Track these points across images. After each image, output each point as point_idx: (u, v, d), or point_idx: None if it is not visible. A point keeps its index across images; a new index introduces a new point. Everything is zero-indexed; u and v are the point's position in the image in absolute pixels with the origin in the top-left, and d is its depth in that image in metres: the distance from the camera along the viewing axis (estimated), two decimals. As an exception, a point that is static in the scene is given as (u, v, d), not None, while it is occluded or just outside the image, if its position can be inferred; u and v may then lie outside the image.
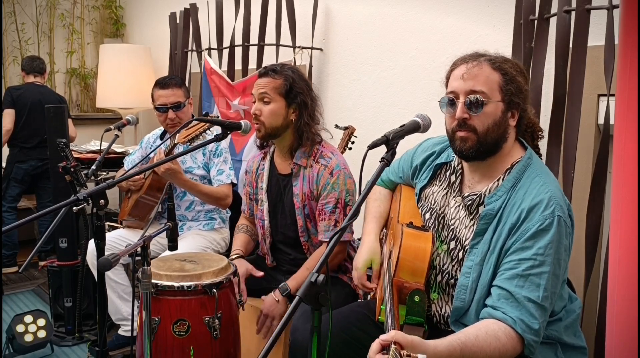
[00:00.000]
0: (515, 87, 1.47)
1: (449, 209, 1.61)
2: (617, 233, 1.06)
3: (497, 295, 1.41)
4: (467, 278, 1.50)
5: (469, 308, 1.51)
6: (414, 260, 1.55)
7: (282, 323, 1.10)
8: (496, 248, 1.46)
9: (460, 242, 1.56)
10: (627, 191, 1.02)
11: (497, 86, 1.47)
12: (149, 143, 3.06)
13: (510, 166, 1.52)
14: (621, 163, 1.04)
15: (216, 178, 2.80)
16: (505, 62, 1.50)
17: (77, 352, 3.03)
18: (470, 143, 1.49)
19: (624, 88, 1.03)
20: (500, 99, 1.47)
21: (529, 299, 1.37)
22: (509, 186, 1.49)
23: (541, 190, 1.44)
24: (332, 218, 2.17)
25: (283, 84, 2.18)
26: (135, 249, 1.65)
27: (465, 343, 1.29)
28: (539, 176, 1.48)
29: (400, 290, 1.53)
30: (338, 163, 2.21)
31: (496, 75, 1.47)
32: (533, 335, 1.36)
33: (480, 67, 1.47)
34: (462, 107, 1.47)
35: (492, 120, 1.47)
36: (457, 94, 1.49)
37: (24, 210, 4.68)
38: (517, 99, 1.48)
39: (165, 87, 2.83)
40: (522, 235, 1.41)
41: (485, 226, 1.49)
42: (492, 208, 1.48)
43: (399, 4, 3.00)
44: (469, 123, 1.48)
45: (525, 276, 1.38)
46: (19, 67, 4.77)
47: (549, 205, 1.40)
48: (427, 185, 1.71)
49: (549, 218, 1.39)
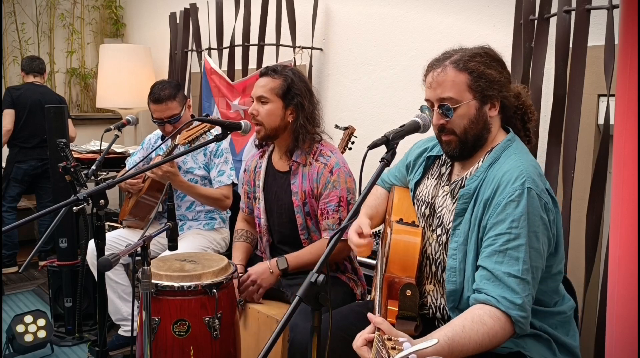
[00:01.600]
0: (485, 81, 1.49)
1: (437, 199, 1.64)
2: (617, 233, 1.06)
3: (480, 277, 1.43)
4: (455, 260, 1.52)
5: (462, 290, 1.51)
6: (404, 255, 1.57)
7: (281, 323, 1.10)
8: (475, 226, 1.48)
9: (445, 227, 1.59)
10: (627, 191, 1.02)
11: (465, 86, 1.49)
12: (150, 143, 3.06)
13: (490, 149, 1.55)
14: (621, 163, 1.04)
15: (217, 178, 2.80)
16: (472, 59, 1.49)
17: (77, 352, 3.03)
18: (454, 145, 1.54)
19: (624, 88, 1.03)
20: (471, 97, 1.49)
21: (509, 274, 1.38)
22: (486, 166, 1.52)
23: (513, 165, 1.46)
24: (336, 217, 2.18)
25: (281, 85, 2.19)
26: (135, 249, 1.65)
27: (452, 338, 1.30)
28: (515, 154, 1.51)
29: (391, 285, 1.55)
30: (337, 161, 2.21)
31: (462, 76, 1.48)
32: (518, 311, 1.36)
33: (444, 73, 1.49)
34: (437, 115, 1.52)
35: (468, 119, 1.50)
36: (431, 102, 1.54)
37: (24, 210, 4.68)
38: (491, 91, 1.50)
39: (159, 102, 2.74)
40: (495, 209, 1.43)
41: (464, 206, 1.52)
42: (470, 187, 1.52)
43: (399, 4, 3.01)
44: (447, 127, 1.53)
45: (503, 251, 1.40)
46: (19, 67, 4.77)
47: (519, 177, 1.42)
48: (421, 179, 1.74)
49: (519, 189, 1.41)
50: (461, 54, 1.52)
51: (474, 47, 1.55)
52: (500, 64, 1.54)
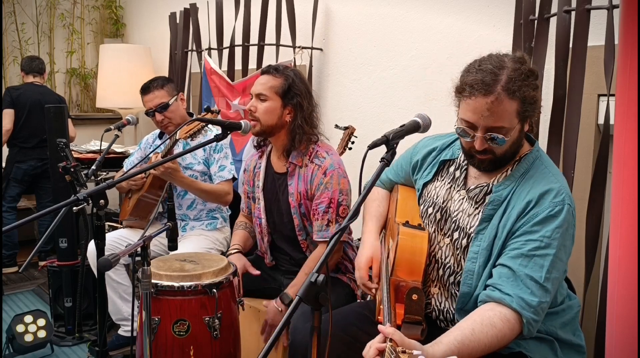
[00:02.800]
0: (532, 105, 1.44)
1: (452, 203, 1.62)
2: (617, 233, 1.06)
3: (499, 274, 1.42)
4: (474, 263, 1.51)
5: (473, 293, 1.51)
6: (410, 259, 1.56)
7: (281, 323, 1.10)
8: (504, 233, 1.47)
9: (464, 231, 1.57)
10: (627, 191, 1.02)
11: (516, 113, 1.43)
12: (148, 142, 3.07)
13: (519, 158, 1.54)
14: (621, 163, 1.04)
15: (217, 174, 2.80)
16: (522, 81, 1.40)
17: (77, 352, 3.03)
18: (487, 163, 1.52)
19: (624, 88, 1.03)
20: (517, 122, 1.45)
21: (531, 277, 1.38)
22: (518, 175, 1.51)
23: (551, 180, 1.47)
24: (325, 218, 2.18)
25: (282, 84, 2.20)
26: (135, 249, 1.65)
27: (462, 342, 1.29)
28: (547, 169, 1.51)
29: (397, 289, 1.54)
30: (332, 162, 2.21)
31: (515, 104, 1.41)
32: (532, 313, 1.36)
33: (499, 103, 1.39)
34: (481, 141, 1.46)
35: (511, 142, 1.48)
36: (475, 127, 1.45)
37: (24, 210, 4.68)
38: (533, 112, 1.46)
39: (147, 92, 2.82)
40: (530, 219, 1.43)
41: (492, 212, 1.51)
42: (500, 194, 1.50)
43: (399, 4, 3.01)
44: (488, 149, 1.48)
45: (530, 256, 1.40)
46: (19, 67, 4.77)
47: (559, 193, 1.44)
48: (431, 181, 1.71)
49: (559, 205, 1.42)
50: (509, 73, 1.40)
51: (519, 64, 1.43)
52: (536, 78, 1.46)
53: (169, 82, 2.91)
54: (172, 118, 2.82)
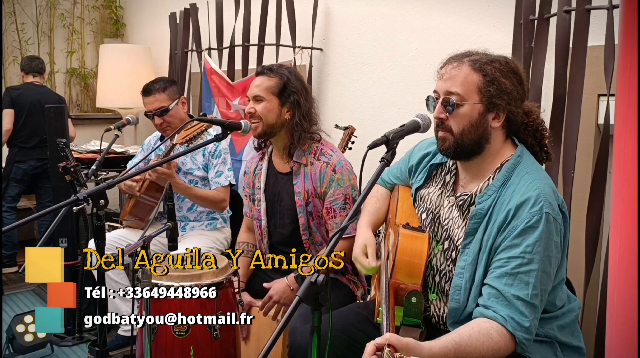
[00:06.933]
0: (496, 88, 1.44)
1: (443, 209, 1.61)
2: (617, 233, 1.06)
3: (488, 294, 1.42)
4: (461, 278, 1.50)
5: (465, 308, 1.51)
6: (410, 261, 1.54)
7: (281, 323, 1.10)
8: (487, 247, 1.46)
9: (453, 242, 1.56)
10: (627, 191, 1.02)
11: (475, 87, 1.45)
12: (149, 144, 3.06)
13: (500, 166, 1.51)
14: (621, 163, 1.04)
15: (214, 180, 2.79)
16: (491, 63, 1.46)
17: (77, 352, 3.02)
18: (448, 143, 1.50)
19: (623, 88, 1.03)
20: (477, 100, 1.45)
21: (518, 297, 1.37)
22: (498, 185, 1.48)
23: (529, 187, 1.43)
24: (344, 214, 2.18)
25: (277, 83, 2.19)
26: (135, 249, 1.65)
27: (459, 344, 1.30)
28: (528, 174, 1.47)
29: (397, 292, 1.53)
30: (339, 159, 2.22)
31: (475, 76, 1.45)
32: (524, 333, 1.37)
33: (460, 69, 1.46)
34: (439, 107, 1.48)
35: (468, 121, 1.46)
36: (438, 94, 1.50)
37: (24, 210, 4.67)
38: (499, 100, 1.45)
39: (148, 94, 2.80)
40: (510, 233, 1.41)
41: (475, 226, 1.49)
42: (482, 207, 1.48)
43: (399, 4, 3.01)
44: (446, 123, 1.48)
45: (514, 274, 1.39)
46: (19, 67, 4.77)
47: (537, 202, 1.40)
48: (423, 186, 1.70)
49: (537, 215, 1.39)
50: (482, 55, 1.49)
51: (498, 55, 1.51)
52: (518, 78, 1.49)
53: (172, 85, 2.88)
54: (171, 122, 2.81)
